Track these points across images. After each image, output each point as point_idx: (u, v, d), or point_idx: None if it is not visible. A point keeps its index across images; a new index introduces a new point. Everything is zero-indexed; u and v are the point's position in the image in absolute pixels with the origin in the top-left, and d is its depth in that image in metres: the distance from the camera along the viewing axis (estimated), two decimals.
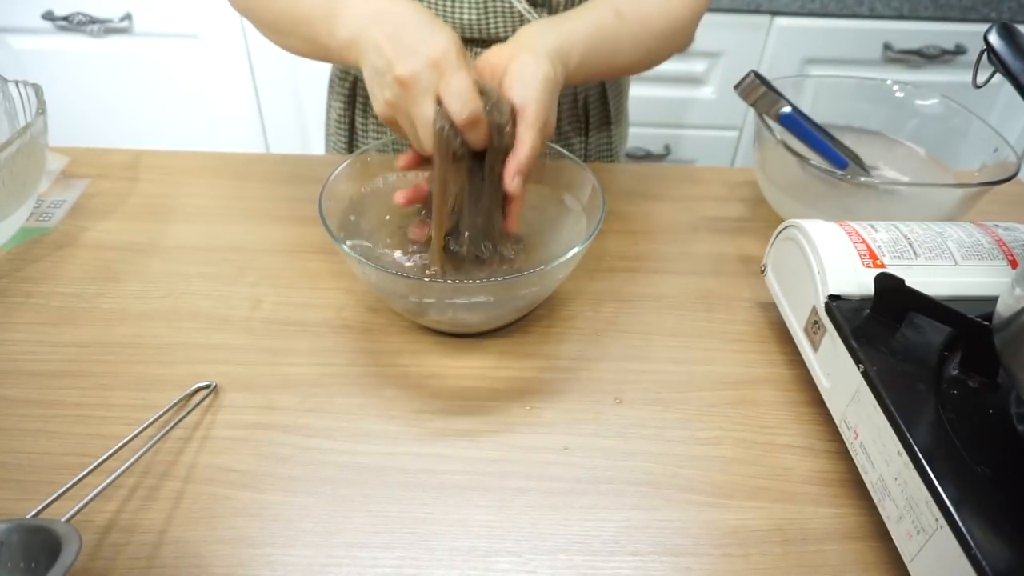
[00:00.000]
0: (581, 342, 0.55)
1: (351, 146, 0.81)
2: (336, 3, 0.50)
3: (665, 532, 0.42)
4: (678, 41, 0.64)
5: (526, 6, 0.63)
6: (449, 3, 0.64)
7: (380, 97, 0.48)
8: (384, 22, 0.47)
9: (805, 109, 0.66)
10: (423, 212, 0.54)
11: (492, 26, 0.65)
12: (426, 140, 0.47)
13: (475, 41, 0.68)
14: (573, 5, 0.65)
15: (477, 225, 0.50)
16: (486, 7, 0.64)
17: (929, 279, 0.46)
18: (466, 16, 0.64)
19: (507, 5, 0.63)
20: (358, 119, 0.78)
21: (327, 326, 0.55)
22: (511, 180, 0.48)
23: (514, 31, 0.65)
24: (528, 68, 0.49)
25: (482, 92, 0.46)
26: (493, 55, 0.52)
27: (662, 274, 0.62)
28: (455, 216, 0.50)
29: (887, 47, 1.33)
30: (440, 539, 0.41)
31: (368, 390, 0.50)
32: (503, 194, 0.49)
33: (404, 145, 0.55)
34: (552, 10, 0.65)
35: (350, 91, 0.77)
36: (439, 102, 0.45)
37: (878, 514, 0.41)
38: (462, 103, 0.44)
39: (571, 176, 0.57)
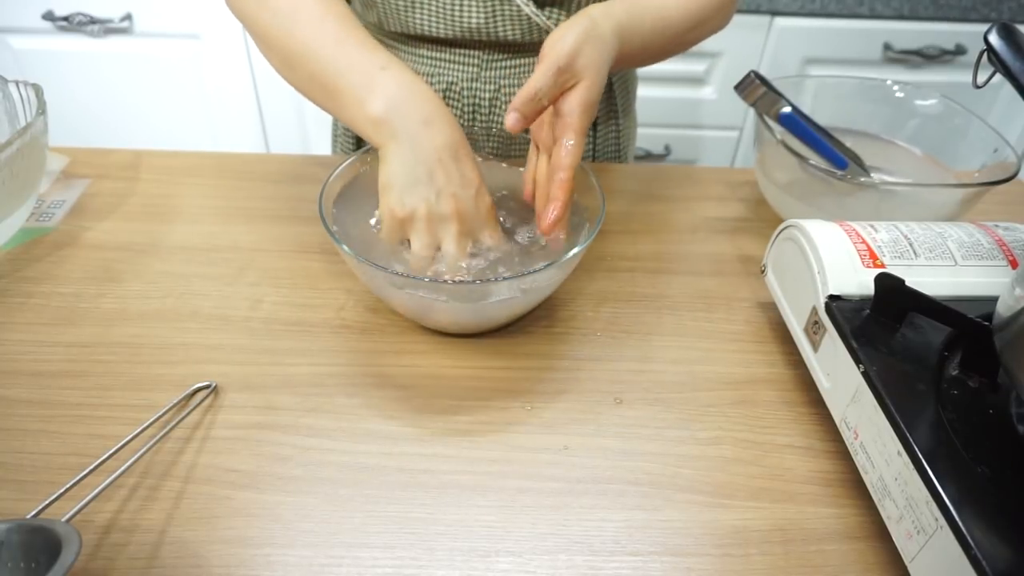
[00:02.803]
0: (581, 342, 0.55)
1: (360, 146, 0.81)
2: (374, 73, 0.49)
3: (665, 532, 0.42)
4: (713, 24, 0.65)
5: (533, 9, 0.63)
6: (456, 7, 0.64)
7: (409, 204, 0.48)
8: (435, 131, 0.48)
9: (805, 109, 0.66)
10: None
11: (500, 29, 0.65)
12: (446, 262, 0.50)
13: (482, 44, 0.67)
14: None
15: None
16: (493, 10, 0.63)
17: (929, 279, 0.46)
18: (473, 20, 0.64)
19: (514, 8, 0.63)
20: None
21: (327, 326, 0.55)
22: (559, 187, 0.50)
23: (522, 34, 0.65)
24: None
25: None
26: (557, 43, 0.50)
27: (662, 274, 0.62)
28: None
29: (887, 47, 1.33)
30: (440, 539, 0.41)
31: (368, 390, 0.50)
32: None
33: None
34: (567, 10, 0.65)
35: None
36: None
37: (878, 514, 0.41)
38: (496, 248, 0.52)
39: None
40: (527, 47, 0.68)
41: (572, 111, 0.49)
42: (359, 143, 0.80)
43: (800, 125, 0.65)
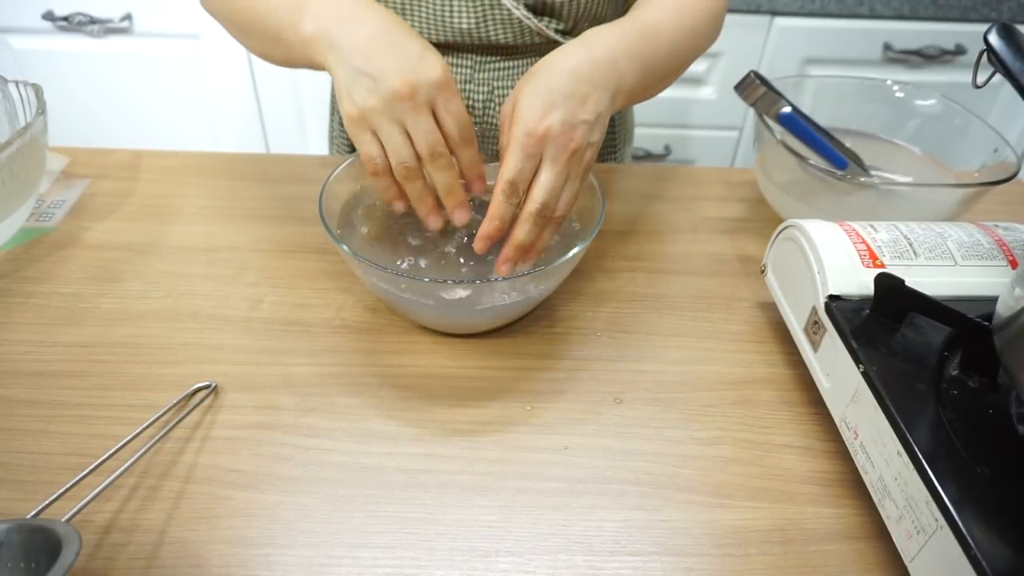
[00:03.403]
0: (581, 342, 0.55)
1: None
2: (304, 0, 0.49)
3: (665, 532, 0.42)
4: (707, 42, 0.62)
5: (524, 12, 0.63)
6: (447, 10, 0.63)
7: (359, 99, 0.46)
8: (360, 23, 0.46)
9: (805, 109, 0.66)
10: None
11: (491, 32, 0.64)
12: (421, 149, 0.47)
13: (474, 47, 0.67)
14: (580, 10, 0.64)
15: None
16: (484, 13, 0.63)
17: (929, 279, 0.46)
18: (464, 23, 0.64)
19: (505, 12, 0.63)
20: None
21: (326, 326, 0.55)
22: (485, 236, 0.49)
23: (514, 36, 0.65)
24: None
25: None
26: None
27: (662, 274, 0.62)
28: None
29: (887, 47, 1.33)
30: (440, 539, 0.41)
31: (368, 390, 0.50)
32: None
33: None
34: (556, 15, 0.65)
35: None
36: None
37: (878, 514, 0.41)
38: (460, 126, 0.47)
39: None
40: (519, 49, 0.68)
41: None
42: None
43: (800, 125, 0.65)
